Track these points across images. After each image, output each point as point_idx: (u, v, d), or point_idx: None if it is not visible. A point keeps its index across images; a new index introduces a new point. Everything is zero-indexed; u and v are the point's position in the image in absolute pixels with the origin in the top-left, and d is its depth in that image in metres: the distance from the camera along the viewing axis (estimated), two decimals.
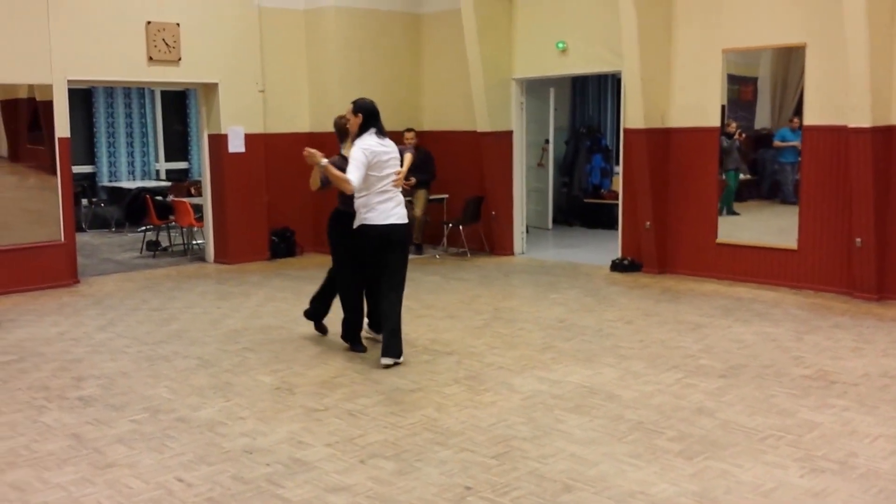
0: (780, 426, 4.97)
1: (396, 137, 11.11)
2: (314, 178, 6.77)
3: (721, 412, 5.22)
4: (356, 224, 6.41)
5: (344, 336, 6.87)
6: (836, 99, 8.43)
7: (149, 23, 10.02)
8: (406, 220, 6.44)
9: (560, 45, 10.66)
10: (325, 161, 6.31)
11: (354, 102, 6.56)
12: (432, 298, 8.75)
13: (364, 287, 6.83)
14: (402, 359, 6.33)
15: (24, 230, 9.32)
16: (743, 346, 6.79)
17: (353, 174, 6.13)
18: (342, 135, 6.85)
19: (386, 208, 6.31)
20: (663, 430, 4.92)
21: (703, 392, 5.61)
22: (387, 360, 6.27)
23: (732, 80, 9.40)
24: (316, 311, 7.28)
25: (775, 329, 7.32)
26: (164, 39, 10.13)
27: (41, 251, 9.37)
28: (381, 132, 6.46)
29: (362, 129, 6.40)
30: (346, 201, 6.56)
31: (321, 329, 7.31)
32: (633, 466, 4.41)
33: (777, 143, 9.22)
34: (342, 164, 6.37)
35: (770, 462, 4.45)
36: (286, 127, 11.53)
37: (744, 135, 9.47)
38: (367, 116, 6.43)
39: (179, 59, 10.31)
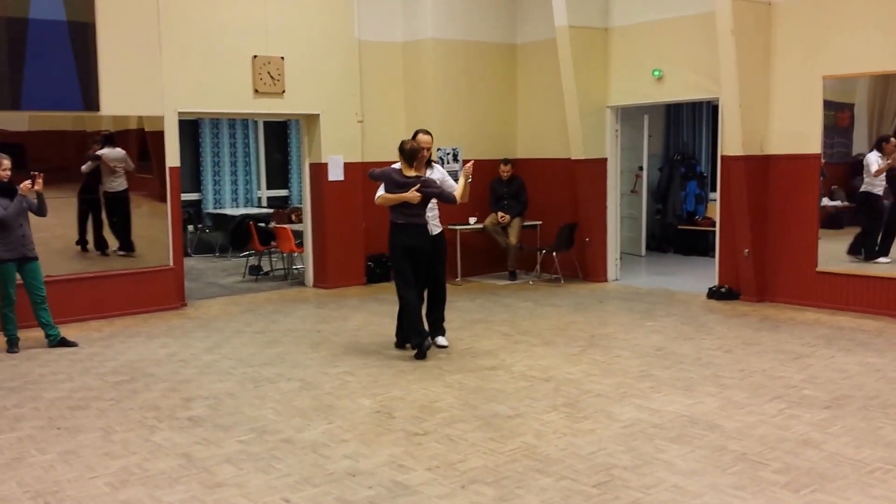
0: (887, 459, 4.85)
1: (492, 167, 11.38)
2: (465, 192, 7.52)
3: (827, 444, 5.11)
4: (437, 231, 7.61)
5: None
6: None
7: (255, 57, 10.42)
8: None
9: (656, 73, 10.65)
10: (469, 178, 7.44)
11: (431, 134, 7.75)
12: (527, 325, 8.80)
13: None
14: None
15: (135, 255, 9.75)
16: (847, 376, 6.63)
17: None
18: (416, 158, 7.46)
19: None
20: (768, 462, 4.84)
21: (807, 423, 5.51)
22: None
23: (828, 105, 9.23)
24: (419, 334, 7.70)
25: (880, 359, 7.12)
26: (269, 73, 10.51)
27: (151, 275, 9.78)
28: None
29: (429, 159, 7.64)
30: (420, 212, 7.44)
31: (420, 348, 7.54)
32: (739, 499, 4.36)
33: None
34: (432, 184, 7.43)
35: (879, 496, 4.35)
36: (383, 156, 11.71)
37: None
38: None
39: (283, 91, 10.68)
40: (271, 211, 15.10)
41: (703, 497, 4.38)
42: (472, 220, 11.63)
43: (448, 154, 11.77)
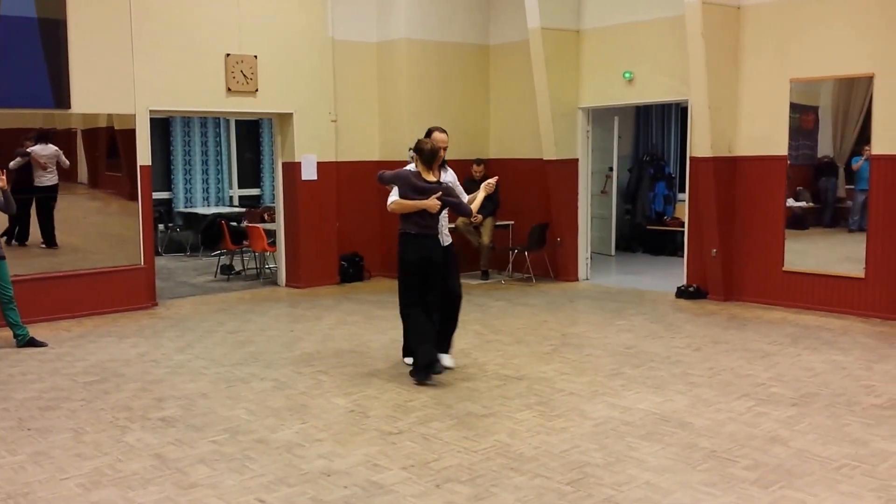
0: (854, 455, 4.96)
1: (465, 167, 11.42)
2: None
3: (794, 441, 5.21)
4: (448, 242, 6.95)
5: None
6: None
7: (228, 55, 10.38)
8: None
9: (627, 75, 10.76)
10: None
11: (446, 132, 6.96)
12: (499, 324, 8.86)
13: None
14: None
15: (104, 254, 9.67)
16: (813, 374, 6.75)
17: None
18: (435, 161, 6.74)
19: None
20: (737, 459, 4.93)
21: (775, 420, 5.61)
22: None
23: (794, 108, 9.39)
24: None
25: (844, 357, 7.27)
26: (242, 71, 10.48)
27: (122, 275, 9.71)
28: None
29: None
30: (435, 223, 6.78)
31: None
32: (709, 495, 4.44)
33: (854, 165, 9.12)
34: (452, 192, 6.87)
35: (846, 492, 4.45)
36: (357, 155, 11.81)
37: None
38: None
39: (257, 90, 10.65)
40: (243, 210, 15.05)
41: (674, 494, 4.46)
42: None
43: None
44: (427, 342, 6.59)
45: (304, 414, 5.91)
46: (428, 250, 6.67)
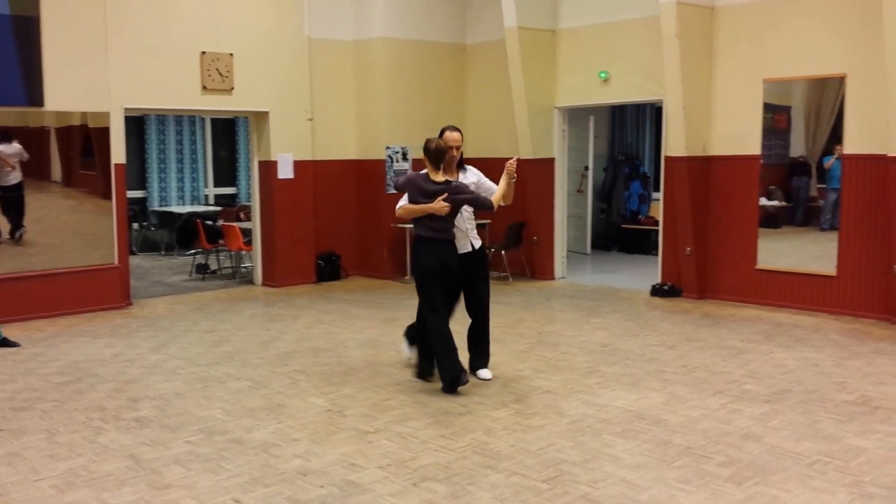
0: (826, 451, 5.02)
1: None
2: (509, 193, 6.50)
3: (768, 437, 5.27)
4: (478, 245, 6.62)
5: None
6: (876, 128, 8.48)
7: (203, 53, 10.32)
8: None
9: (603, 75, 10.82)
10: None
11: (461, 131, 6.59)
12: None
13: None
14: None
15: (78, 253, 9.59)
16: (786, 371, 6.83)
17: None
18: (439, 161, 6.35)
19: None
20: (711, 456, 4.98)
21: (749, 417, 5.67)
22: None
23: (766, 108, 9.49)
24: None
25: (817, 354, 7.35)
26: (217, 69, 10.43)
27: (96, 274, 9.63)
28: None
29: (461, 158, 6.60)
30: (447, 226, 6.35)
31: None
32: (684, 492, 4.47)
33: (826, 164, 9.22)
34: (465, 188, 6.40)
35: (819, 488, 4.50)
36: (334, 154, 11.79)
37: None
38: None
39: (232, 88, 10.61)
40: (219, 209, 14.98)
41: (649, 490, 4.49)
42: None
43: (397, 153, 11.81)
44: (451, 355, 6.25)
45: (281, 413, 5.89)
46: (440, 255, 6.26)
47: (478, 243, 6.63)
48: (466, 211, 6.47)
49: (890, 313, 8.55)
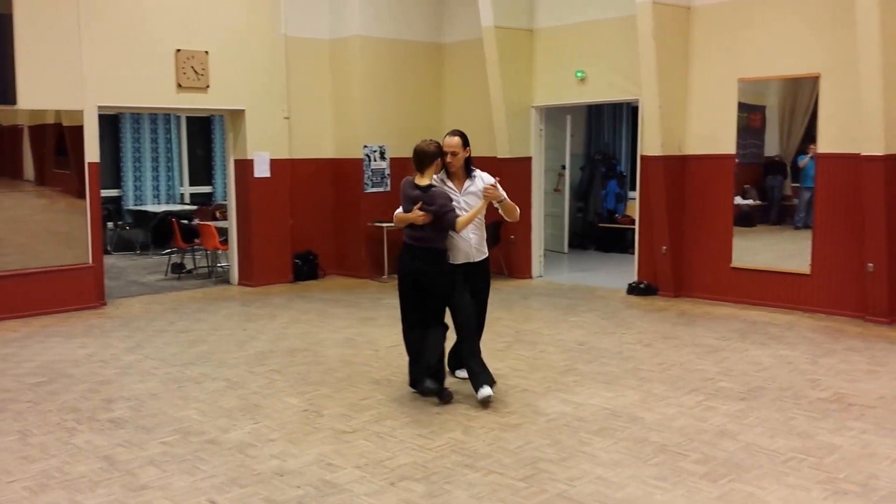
0: (801, 448, 5.07)
1: None
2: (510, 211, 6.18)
3: (743, 435, 5.31)
4: (480, 258, 6.17)
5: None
6: (849, 128, 8.57)
7: (178, 51, 10.25)
8: None
9: (579, 75, 10.85)
10: (505, 195, 6.03)
11: (461, 135, 6.04)
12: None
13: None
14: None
15: (52, 253, 9.49)
16: (761, 368, 6.89)
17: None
18: (425, 164, 6.04)
19: None
20: (687, 453, 5.01)
21: (724, 415, 5.71)
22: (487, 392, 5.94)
23: (741, 107, 9.56)
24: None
25: (791, 352, 7.42)
26: (192, 67, 10.36)
27: (70, 273, 9.55)
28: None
29: (468, 164, 6.10)
30: (440, 237, 6.01)
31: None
32: (660, 489, 4.50)
33: (801, 163, 9.30)
34: (440, 197, 5.93)
35: (793, 484, 4.54)
36: (311, 153, 11.75)
37: None
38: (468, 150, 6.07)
39: (208, 86, 10.54)
40: (194, 208, 14.89)
41: (625, 488, 4.51)
42: None
43: (375, 152, 11.78)
44: (415, 362, 6.13)
45: (257, 414, 5.86)
46: (414, 262, 5.98)
47: (480, 256, 6.18)
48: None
49: (863, 311, 8.65)
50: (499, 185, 6.09)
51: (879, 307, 8.47)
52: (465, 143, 6.03)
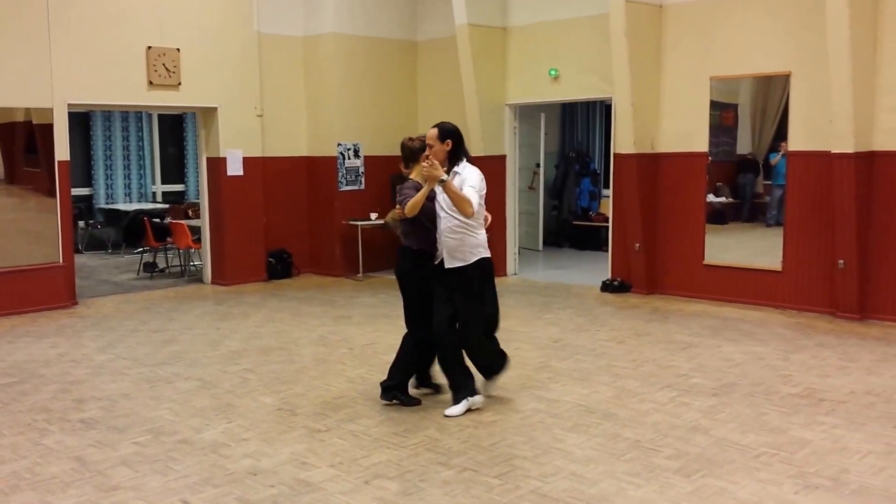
0: (772, 443, 5.11)
1: (393, 163, 11.31)
2: (414, 203, 5.60)
3: (715, 430, 5.35)
4: (471, 260, 5.61)
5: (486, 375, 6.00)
6: (819, 126, 8.65)
7: (149, 48, 10.16)
8: None
9: (553, 73, 10.88)
10: (446, 176, 5.44)
11: (440, 127, 5.67)
12: None
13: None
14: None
15: (22, 252, 9.38)
16: (733, 364, 6.94)
17: (474, 199, 5.47)
18: (408, 159, 5.94)
19: (485, 241, 5.76)
20: (660, 449, 5.05)
21: (696, 410, 5.75)
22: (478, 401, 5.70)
23: (713, 105, 9.63)
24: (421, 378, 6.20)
25: (763, 348, 7.49)
26: (164, 64, 10.27)
27: (40, 273, 9.44)
28: (470, 160, 5.73)
29: (453, 158, 5.62)
30: (429, 239, 5.76)
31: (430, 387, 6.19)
32: (633, 485, 4.53)
33: (772, 160, 9.38)
34: (405, 188, 5.73)
35: (765, 479, 4.58)
36: (284, 150, 11.70)
37: None
38: (458, 142, 5.66)
39: (179, 83, 10.45)
40: (167, 206, 14.79)
41: (599, 484, 4.53)
42: (373, 215, 11.64)
43: (349, 150, 11.75)
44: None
45: (230, 413, 5.83)
46: (398, 263, 5.95)
47: (451, 262, 5.64)
48: (443, 219, 5.64)
49: (834, 307, 8.75)
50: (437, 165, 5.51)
51: (850, 303, 8.56)
52: (444, 135, 5.62)
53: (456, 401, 5.74)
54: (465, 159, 5.71)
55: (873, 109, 8.32)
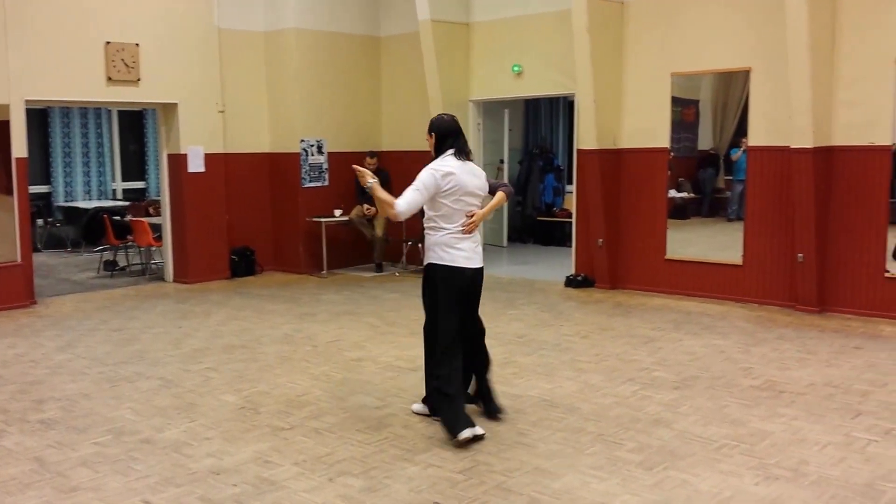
0: (733, 436, 5.17)
1: (359, 159, 11.29)
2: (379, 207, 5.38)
3: (677, 423, 5.40)
4: (427, 261, 5.36)
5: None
6: (778, 121, 8.76)
7: (108, 43, 10.01)
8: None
9: (516, 69, 10.91)
10: (371, 182, 5.12)
11: (431, 120, 5.49)
12: (394, 316, 8.85)
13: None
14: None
15: None
16: (694, 358, 7.01)
17: (404, 198, 5.11)
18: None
19: (470, 247, 5.34)
20: (623, 442, 5.08)
21: (658, 403, 5.80)
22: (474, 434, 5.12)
23: (675, 101, 9.70)
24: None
25: (724, 341, 7.57)
26: (123, 60, 10.12)
27: None
28: (464, 153, 5.33)
29: (438, 151, 5.35)
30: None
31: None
32: (596, 478, 4.55)
33: (733, 156, 9.48)
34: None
35: (726, 471, 4.64)
36: (246, 147, 11.60)
37: None
38: (442, 135, 5.33)
39: (139, 79, 10.31)
40: (127, 203, 14.61)
41: (563, 478, 4.56)
42: (337, 212, 11.60)
43: (312, 146, 11.68)
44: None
45: (192, 412, 5.78)
46: None
47: (427, 259, 5.40)
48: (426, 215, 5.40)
49: (794, 300, 8.87)
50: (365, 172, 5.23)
51: (809, 296, 8.69)
52: (429, 129, 5.40)
53: (427, 403, 5.62)
54: (451, 153, 5.29)
55: (831, 104, 8.44)
